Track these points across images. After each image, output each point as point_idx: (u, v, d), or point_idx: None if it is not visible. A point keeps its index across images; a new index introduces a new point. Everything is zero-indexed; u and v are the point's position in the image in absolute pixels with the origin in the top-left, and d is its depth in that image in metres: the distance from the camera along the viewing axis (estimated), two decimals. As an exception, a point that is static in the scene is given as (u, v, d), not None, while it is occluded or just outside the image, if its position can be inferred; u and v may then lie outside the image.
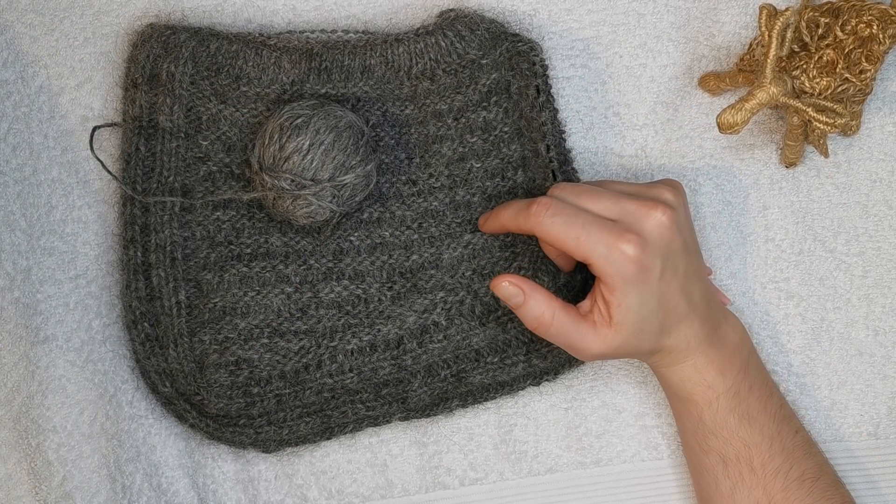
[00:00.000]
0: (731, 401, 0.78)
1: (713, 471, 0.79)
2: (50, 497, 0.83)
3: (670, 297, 0.76)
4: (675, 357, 0.78)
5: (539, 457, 0.85)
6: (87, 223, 0.85)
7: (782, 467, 0.78)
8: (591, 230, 0.74)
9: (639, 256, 0.74)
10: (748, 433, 0.78)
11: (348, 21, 0.86)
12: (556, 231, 0.75)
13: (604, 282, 0.75)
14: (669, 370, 0.79)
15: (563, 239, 0.74)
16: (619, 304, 0.75)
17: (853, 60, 0.79)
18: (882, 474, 0.85)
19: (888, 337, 0.86)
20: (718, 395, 0.78)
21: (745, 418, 0.78)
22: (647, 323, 0.76)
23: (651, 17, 0.87)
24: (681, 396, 0.79)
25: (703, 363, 0.78)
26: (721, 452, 0.79)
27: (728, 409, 0.78)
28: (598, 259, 0.74)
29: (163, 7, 0.85)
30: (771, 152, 0.87)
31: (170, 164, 0.83)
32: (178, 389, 0.82)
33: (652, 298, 0.75)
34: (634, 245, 0.74)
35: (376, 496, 0.84)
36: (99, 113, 0.85)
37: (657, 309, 0.76)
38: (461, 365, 0.83)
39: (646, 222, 0.75)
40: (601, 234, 0.74)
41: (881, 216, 0.87)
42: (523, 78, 0.83)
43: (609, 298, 0.75)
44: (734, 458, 0.78)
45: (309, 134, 0.78)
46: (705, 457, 0.79)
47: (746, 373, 0.79)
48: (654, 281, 0.75)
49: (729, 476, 0.78)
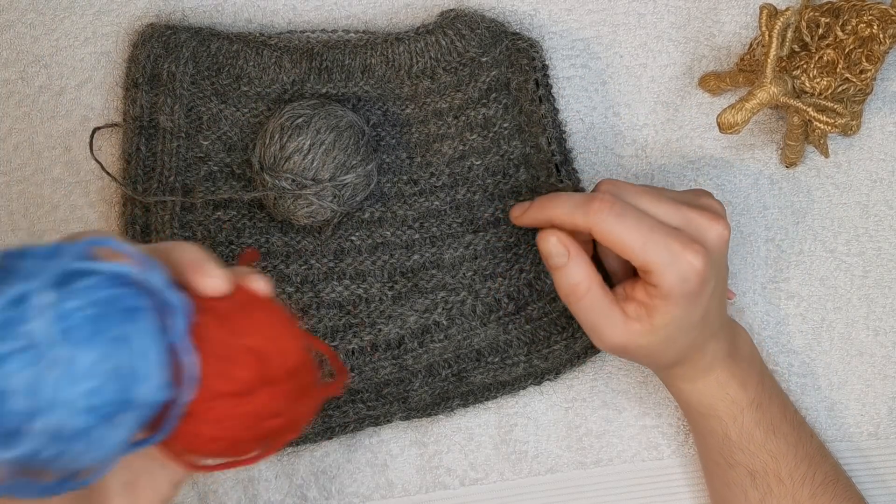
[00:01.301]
0: (755, 413, 0.77)
1: (741, 483, 0.78)
2: (50, 497, 0.83)
3: (711, 311, 0.74)
4: (697, 372, 0.76)
5: (539, 457, 0.85)
6: (88, 223, 0.85)
7: (808, 473, 0.77)
8: (657, 236, 0.70)
9: (703, 270, 0.71)
10: (774, 444, 0.77)
11: (349, 21, 0.86)
12: (620, 233, 0.70)
13: (660, 288, 0.71)
14: (692, 386, 0.77)
15: (628, 242, 0.70)
16: (666, 311, 0.71)
17: (853, 60, 0.79)
18: (883, 474, 0.85)
19: (889, 337, 0.86)
20: (742, 410, 0.77)
21: (769, 430, 0.77)
22: (683, 335, 0.73)
23: (651, 17, 0.87)
24: (703, 413, 0.78)
25: (726, 377, 0.77)
26: (748, 466, 0.77)
27: (753, 422, 0.77)
28: (661, 267, 0.70)
29: (163, 7, 0.86)
30: (771, 152, 0.87)
31: (170, 164, 0.83)
32: (179, 389, 0.82)
33: (697, 312, 0.72)
34: (702, 257, 0.70)
35: (376, 496, 0.84)
36: (100, 112, 0.85)
37: (698, 323, 0.73)
38: (462, 365, 0.83)
39: (709, 234, 0.72)
40: (668, 241, 0.70)
41: (881, 216, 0.87)
42: (523, 73, 0.83)
43: (657, 304, 0.71)
44: (762, 471, 0.77)
45: (310, 134, 0.78)
46: (731, 470, 0.78)
47: (763, 383, 0.78)
48: (706, 296, 0.72)
49: (757, 488, 0.77)
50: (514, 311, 0.83)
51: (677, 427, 0.85)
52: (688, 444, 0.85)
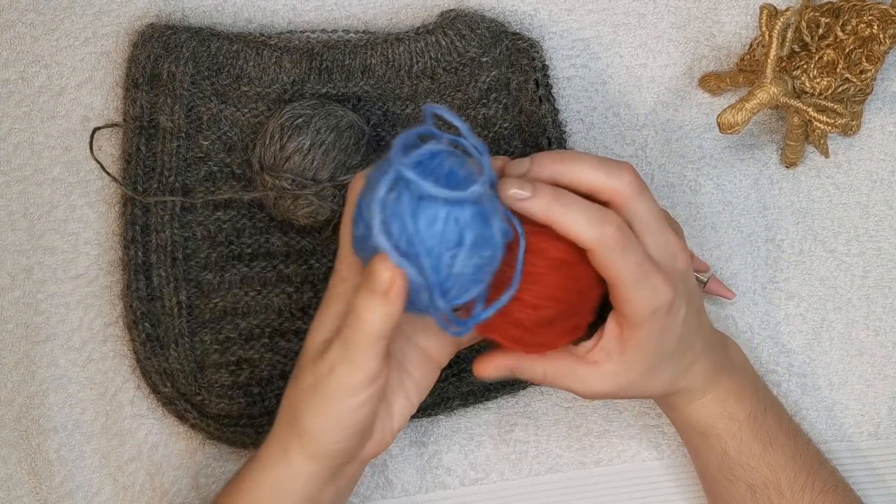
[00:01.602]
0: (753, 426, 0.77)
1: (741, 499, 0.77)
2: (51, 497, 0.83)
3: (687, 337, 0.73)
4: (694, 394, 0.76)
5: (540, 457, 0.85)
6: (88, 222, 0.85)
7: (807, 483, 0.77)
8: (646, 275, 0.69)
9: (672, 300, 0.70)
10: (773, 457, 0.77)
11: (349, 21, 0.86)
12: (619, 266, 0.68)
13: (629, 320, 0.70)
14: (690, 408, 0.76)
15: (623, 277, 0.68)
16: (638, 344, 0.70)
17: (854, 60, 0.79)
18: (883, 474, 0.85)
19: (889, 337, 0.86)
20: (741, 425, 0.76)
21: (767, 443, 0.77)
22: (664, 365, 0.72)
23: (651, 17, 0.87)
24: (701, 432, 0.77)
25: (723, 394, 0.76)
26: (748, 481, 0.77)
27: (752, 436, 0.76)
28: (639, 302, 0.69)
29: (163, 7, 0.85)
30: (771, 152, 0.87)
31: (170, 164, 0.83)
32: (179, 390, 0.82)
33: (671, 341, 0.72)
34: (671, 289, 0.69)
35: (376, 496, 0.84)
36: (100, 112, 0.85)
37: (675, 352, 0.72)
38: (462, 365, 0.83)
39: (677, 264, 0.71)
40: (653, 279, 0.69)
41: (882, 216, 0.87)
42: (522, 73, 0.83)
43: (628, 336, 0.70)
44: (762, 485, 0.76)
45: (310, 134, 0.78)
46: (731, 487, 0.77)
47: (758, 393, 0.78)
48: (677, 325, 0.71)
49: (758, 502, 0.76)
50: None
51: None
52: (688, 444, 0.85)
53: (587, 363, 0.72)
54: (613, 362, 0.71)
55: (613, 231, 0.67)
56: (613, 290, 0.69)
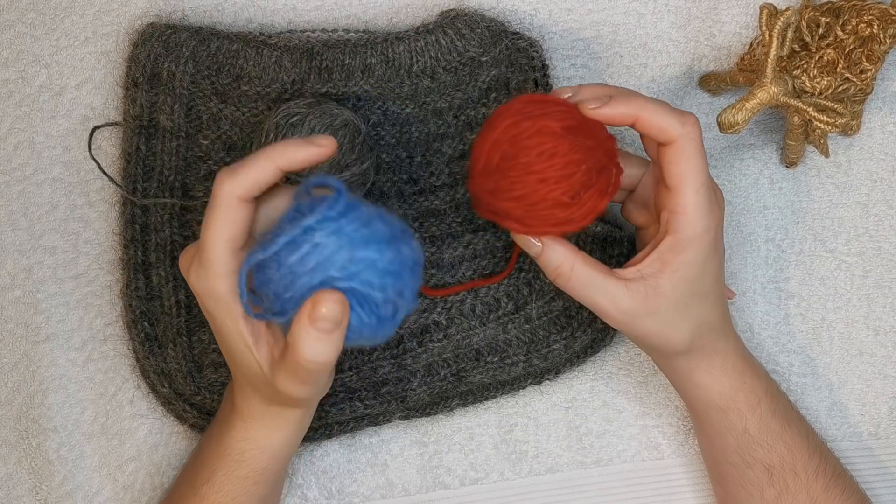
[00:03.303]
0: (770, 402, 0.77)
1: (757, 483, 0.77)
2: (51, 497, 0.83)
3: (718, 284, 0.74)
4: (715, 359, 0.76)
5: (539, 456, 0.85)
6: (88, 222, 0.85)
7: (820, 465, 0.77)
8: (709, 188, 0.71)
9: (719, 227, 0.72)
10: (790, 436, 0.77)
11: (349, 20, 0.87)
12: (696, 164, 0.71)
13: (680, 234, 0.71)
14: (711, 378, 0.76)
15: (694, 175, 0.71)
16: (677, 269, 0.71)
17: (854, 60, 0.79)
18: (883, 474, 0.85)
19: (889, 337, 0.86)
20: (759, 399, 0.76)
21: (784, 420, 0.77)
22: (693, 303, 0.73)
23: (651, 17, 0.87)
24: (723, 408, 0.77)
25: (742, 365, 0.76)
26: (766, 462, 0.76)
27: (770, 412, 0.76)
28: (694, 209, 0.71)
29: (163, 6, 0.86)
30: (771, 152, 0.87)
31: (170, 164, 0.83)
32: (176, 390, 0.82)
33: (709, 278, 0.73)
34: (721, 218, 0.73)
35: (376, 496, 0.84)
36: (100, 112, 0.85)
37: (708, 292, 0.73)
38: (461, 364, 0.83)
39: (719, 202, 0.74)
40: (710, 196, 0.72)
41: (882, 216, 0.87)
42: (522, 73, 0.83)
43: (670, 259, 0.71)
44: (779, 466, 0.76)
45: (304, 132, 0.78)
46: (748, 470, 0.77)
47: (766, 372, 0.79)
48: (718, 260, 0.73)
49: (774, 485, 0.76)
50: (513, 311, 0.83)
51: (677, 427, 0.85)
52: (688, 444, 0.85)
53: (619, 278, 0.72)
54: (647, 284, 0.72)
55: (696, 126, 0.71)
56: (675, 193, 0.71)
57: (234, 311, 0.68)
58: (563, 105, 0.72)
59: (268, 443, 0.75)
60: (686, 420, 0.85)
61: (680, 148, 0.71)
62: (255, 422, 0.74)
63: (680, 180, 0.71)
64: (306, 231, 0.65)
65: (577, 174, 0.69)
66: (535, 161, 0.69)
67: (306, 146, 0.68)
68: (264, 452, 0.75)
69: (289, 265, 0.65)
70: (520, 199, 0.70)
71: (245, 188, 0.67)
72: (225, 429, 0.76)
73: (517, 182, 0.70)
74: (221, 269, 0.67)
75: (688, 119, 0.71)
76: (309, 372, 0.67)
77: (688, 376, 0.77)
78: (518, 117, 0.70)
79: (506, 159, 0.70)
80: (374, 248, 0.65)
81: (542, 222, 0.71)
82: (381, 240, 0.65)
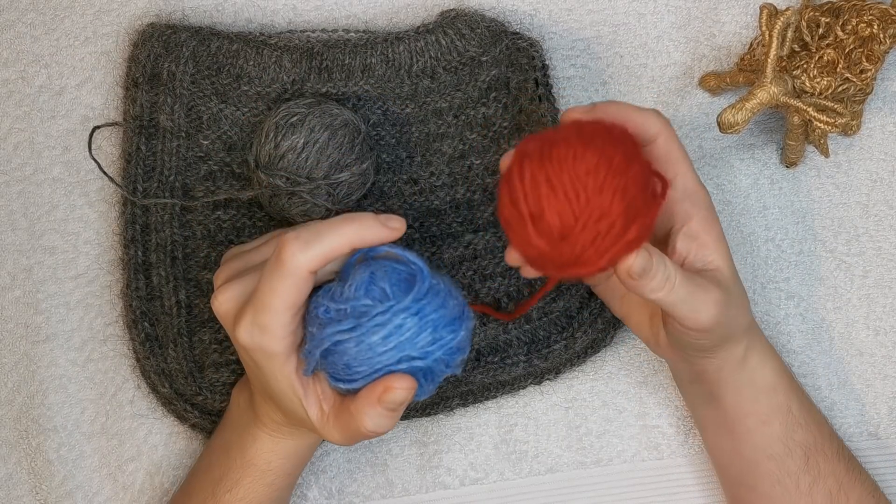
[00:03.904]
0: (796, 382, 0.77)
1: (795, 473, 0.76)
2: (51, 497, 0.83)
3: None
4: (757, 333, 0.76)
5: (539, 457, 0.85)
6: (88, 222, 0.85)
7: (839, 448, 0.77)
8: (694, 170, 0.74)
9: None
10: (817, 414, 0.77)
11: (349, 20, 0.87)
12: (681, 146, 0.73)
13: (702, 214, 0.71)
14: (764, 355, 0.76)
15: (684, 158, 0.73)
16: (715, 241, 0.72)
17: (854, 60, 0.79)
18: (883, 474, 0.85)
19: (888, 337, 0.86)
20: (790, 379, 0.77)
21: (808, 400, 0.78)
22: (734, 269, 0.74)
23: (651, 17, 0.87)
24: (774, 386, 0.76)
25: (768, 348, 0.77)
26: (804, 444, 0.76)
27: (801, 391, 0.77)
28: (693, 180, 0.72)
29: (163, 6, 0.86)
30: (771, 152, 0.87)
31: (170, 164, 0.83)
32: (177, 390, 0.82)
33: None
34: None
35: (376, 496, 0.84)
36: (100, 112, 0.85)
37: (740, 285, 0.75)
38: (462, 364, 0.83)
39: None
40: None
41: (882, 216, 0.87)
42: (522, 73, 0.83)
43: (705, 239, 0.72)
44: (813, 447, 0.76)
45: (304, 132, 0.78)
46: (789, 459, 0.76)
47: None
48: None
49: (809, 471, 0.76)
50: (513, 311, 0.83)
51: (677, 427, 0.85)
52: (688, 444, 0.85)
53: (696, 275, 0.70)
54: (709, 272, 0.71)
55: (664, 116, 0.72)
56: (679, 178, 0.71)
57: (286, 367, 0.69)
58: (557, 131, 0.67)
59: (294, 451, 0.77)
60: (686, 420, 0.85)
61: (668, 137, 0.72)
62: (283, 437, 0.76)
63: (678, 165, 0.72)
64: (392, 313, 0.67)
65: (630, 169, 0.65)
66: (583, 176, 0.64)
67: (380, 227, 0.68)
68: (290, 460, 0.77)
69: (369, 343, 0.67)
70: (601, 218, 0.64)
71: (316, 263, 0.67)
72: (248, 440, 0.76)
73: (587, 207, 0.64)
74: (280, 332, 0.68)
75: (657, 112, 0.72)
76: (364, 437, 0.69)
77: (745, 362, 0.76)
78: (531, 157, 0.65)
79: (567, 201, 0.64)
80: (450, 328, 0.68)
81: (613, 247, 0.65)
82: (455, 319, 0.68)
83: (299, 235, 0.67)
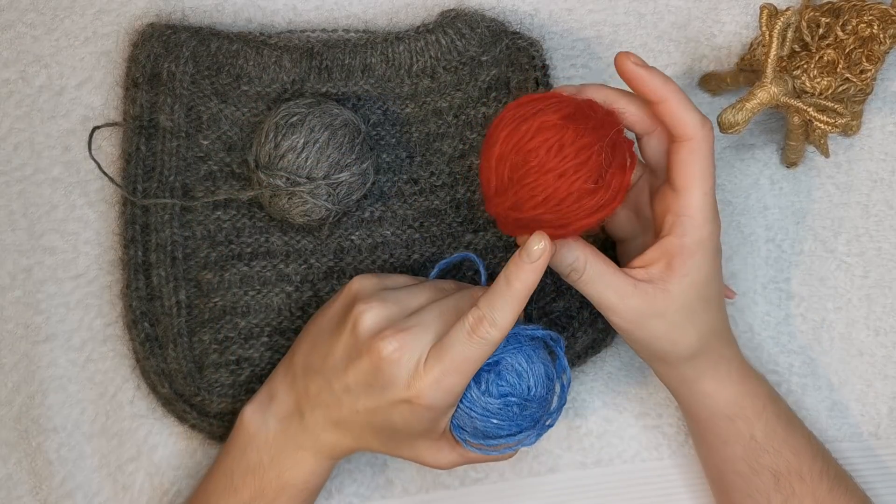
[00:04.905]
0: (774, 406, 0.77)
1: (764, 490, 0.76)
2: (50, 497, 0.83)
3: (721, 295, 0.75)
4: (721, 365, 0.76)
5: (539, 457, 0.85)
6: (88, 222, 0.85)
7: (823, 468, 0.77)
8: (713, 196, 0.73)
9: (719, 235, 0.73)
10: (794, 438, 0.77)
11: (349, 20, 0.87)
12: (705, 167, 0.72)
13: (686, 237, 0.72)
14: (718, 385, 0.76)
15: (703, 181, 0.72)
16: (685, 273, 0.72)
17: (854, 60, 0.79)
18: (883, 474, 0.85)
19: (889, 337, 0.86)
20: (765, 404, 0.76)
21: (787, 423, 0.77)
22: (700, 308, 0.73)
23: (652, 17, 0.87)
24: (730, 416, 0.76)
25: (745, 370, 0.77)
26: (773, 468, 0.76)
27: (775, 416, 0.76)
28: (701, 211, 0.71)
29: (163, 6, 0.86)
30: (771, 152, 0.87)
31: (170, 164, 0.83)
32: (177, 390, 0.82)
33: (714, 285, 0.73)
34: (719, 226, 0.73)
35: (376, 496, 0.84)
36: (100, 112, 0.85)
37: (714, 298, 0.73)
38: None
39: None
40: (714, 205, 0.73)
41: (882, 216, 0.87)
42: (522, 72, 0.83)
43: (678, 265, 0.72)
44: (785, 471, 0.76)
45: (303, 132, 0.78)
46: (756, 477, 0.76)
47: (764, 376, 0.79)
48: (720, 267, 0.74)
49: (781, 491, 0.76)
50: None
51: (678, 427, 0.85)
52: (688, 445, 0.85)
53: (626, 276, 0.72)
54: (656, 287, 0.72)
55: (712, 132, 0.72)
56: (682, 195, 0.71)
57: (442, 421, 0.74)
58: (554, 97, 0.71)
59: (332, 468, 0.79)
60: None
61: (696, 148, 0.71)
62: (332, 460, 0.77)
63: (690, 181, 0.71)
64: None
65: (593, 157, 0.68)
66: (546, 159, 0.68)
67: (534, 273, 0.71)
68: (324, 477, 0.78)
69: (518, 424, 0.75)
70: (545, 201, 0.68)
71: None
72: (289, 463, 0.76)
73: (536, 186, 0.68)
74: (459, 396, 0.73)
75: (707, 122, 0.72)
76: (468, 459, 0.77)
77: (694, 385, 0.76)
78: (514, 123, 0.69)
79: (516, 169, 0.69)
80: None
81: (576, 217, 0.69)
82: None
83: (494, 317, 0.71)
